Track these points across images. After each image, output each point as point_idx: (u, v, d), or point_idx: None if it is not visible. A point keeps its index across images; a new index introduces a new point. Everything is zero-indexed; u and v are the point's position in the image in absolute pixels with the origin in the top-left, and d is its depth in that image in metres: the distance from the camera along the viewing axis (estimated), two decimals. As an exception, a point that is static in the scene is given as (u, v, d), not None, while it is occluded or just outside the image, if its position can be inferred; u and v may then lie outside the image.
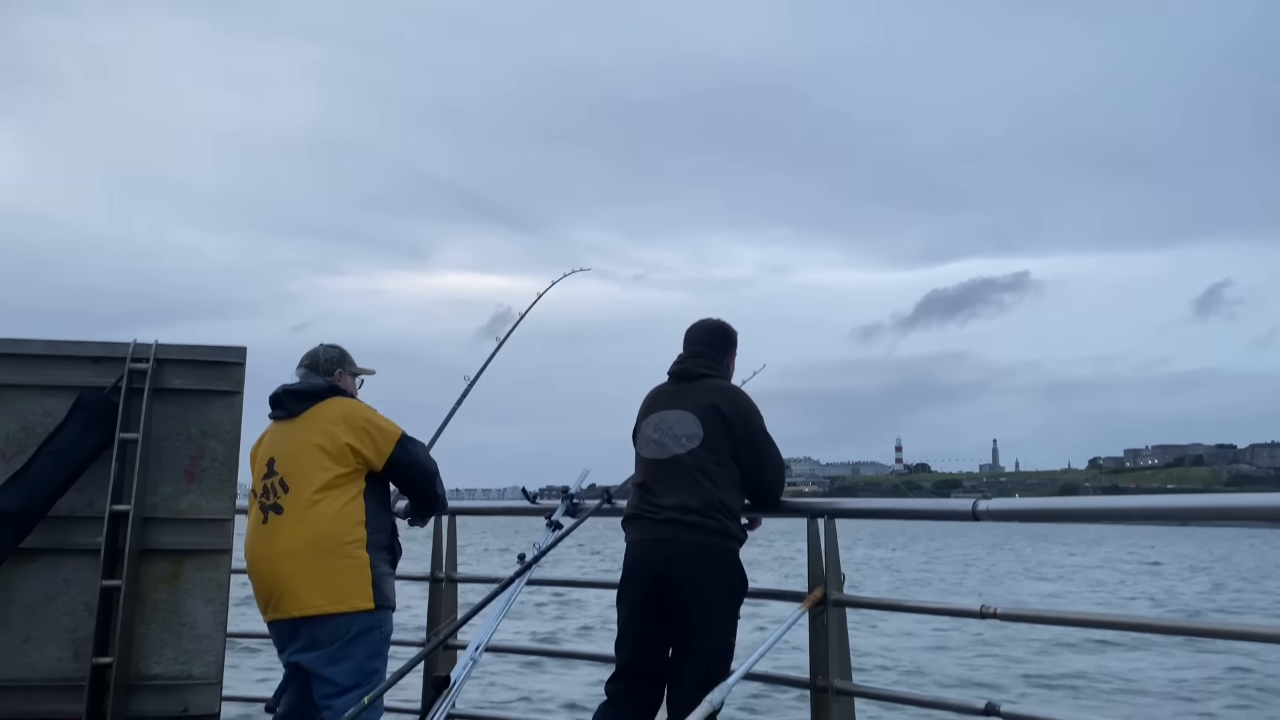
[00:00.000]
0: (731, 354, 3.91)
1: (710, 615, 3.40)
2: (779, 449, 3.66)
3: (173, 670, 3.64)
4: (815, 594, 3.52)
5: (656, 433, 3.66)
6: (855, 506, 3.65)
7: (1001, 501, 3.09)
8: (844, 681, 3.48)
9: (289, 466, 3.72)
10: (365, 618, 3.65)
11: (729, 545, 3.49)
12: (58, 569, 3.63)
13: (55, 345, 3.77)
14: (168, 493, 3.73)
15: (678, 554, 3.45)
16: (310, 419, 3.78)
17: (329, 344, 4.11)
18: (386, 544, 3.86)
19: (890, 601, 3.62)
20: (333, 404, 3.82)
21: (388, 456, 3.77)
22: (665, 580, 3.46)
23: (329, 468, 3.69)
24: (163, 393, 3.77)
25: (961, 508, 3.17)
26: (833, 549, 3.57)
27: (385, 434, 3.79)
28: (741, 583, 3.51)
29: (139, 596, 3.64)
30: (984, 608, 3.10)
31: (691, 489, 3.51)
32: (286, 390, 3.87)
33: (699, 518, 3.46)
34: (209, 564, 3.71)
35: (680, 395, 3.70)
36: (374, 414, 3.87)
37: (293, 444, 3.75)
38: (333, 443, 3.70)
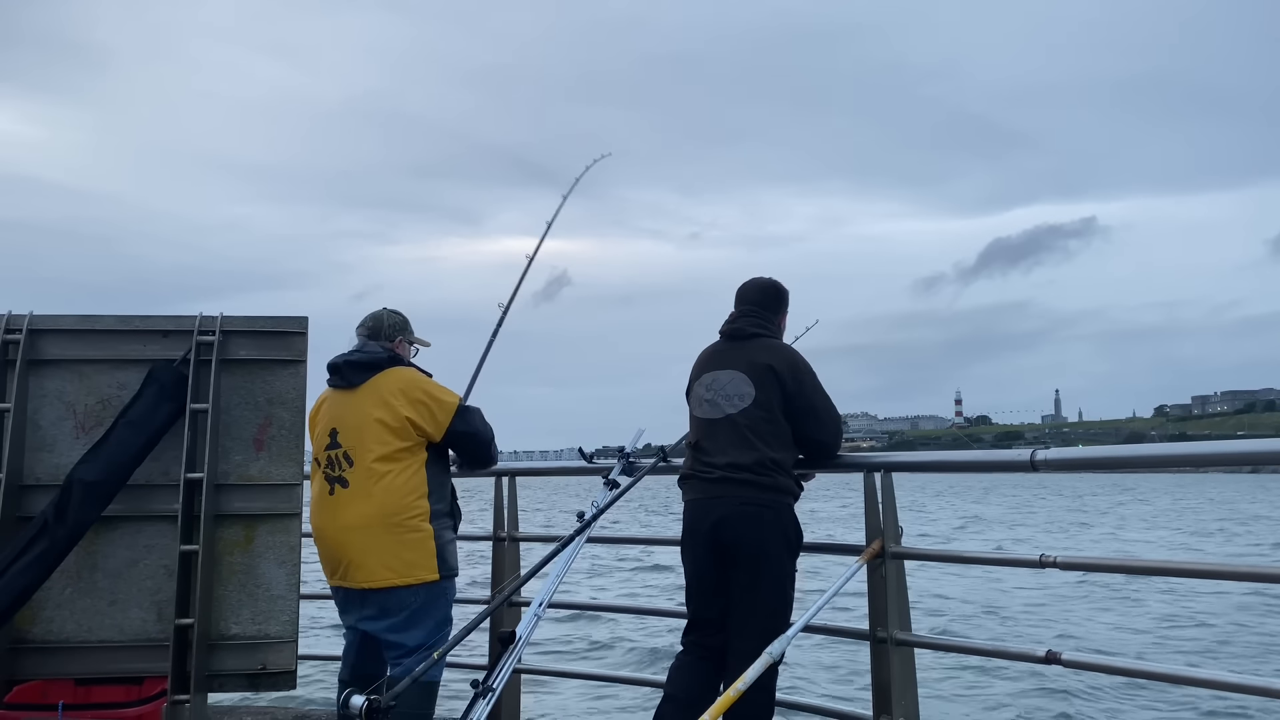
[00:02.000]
0: (783, 312, 3.91)
1: (766, 569, 3.44)
2: (834, 404, 3.66)
3: (250, 630, 3.78)
4: (873, 546, 3.54)
5: (709, 392, 3.69)
6: (912, 459, 3.65)
7: (1060, 451, 3.07)
8: (903, 632, 3.51)
9: (352, 440, 3.80)
10: (431, 588, 3.75)
11: (782, 500, 3.52)
12: (139, 535, 3.78)
13: (126, 320, 3.90)
14: (239, 460, 3.85)
15: (731, 511, 3.50)
16: (370, 390, 3.84)
17: (393, 309, 4.15)
18: (448, 510, 3.96)
19: (948, 553, 3.62)
20: (392, 375, 3.87)
21: (446, 428, 3.85)
22: (721, 536, 3.51)
23: (390, 442, 3.77)
24: (230, 363, 3.88)
25: (1019, 458, 3.15)
26: (890, 502, 3.57)
27: (443, 406, 3.86)
28: (796, 535, 3.54)
29: (215, 560, 3.77)
30: (1043, 557, 3.09)
31: (743, 448, 3.54)
32: (346, 361, 3.92)
33: (750, 475, 3.50)
34: (280, 528, 3.84)
35: (732, 354, 3.72)
36: (432, 384, 3.92)
37: (354, 416, 3.82)
38: (394, 416, 3.77)
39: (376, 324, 4.07)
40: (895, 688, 3.48)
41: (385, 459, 3.76)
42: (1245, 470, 34.97)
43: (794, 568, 3.50)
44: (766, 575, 3.44)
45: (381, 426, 3.78)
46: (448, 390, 3.97)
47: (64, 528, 3.48)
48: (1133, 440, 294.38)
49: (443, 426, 3.84)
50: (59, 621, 3.72)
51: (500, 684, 3.67)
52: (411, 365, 4.06)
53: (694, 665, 3.57)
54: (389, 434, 3.78)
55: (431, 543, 3.77)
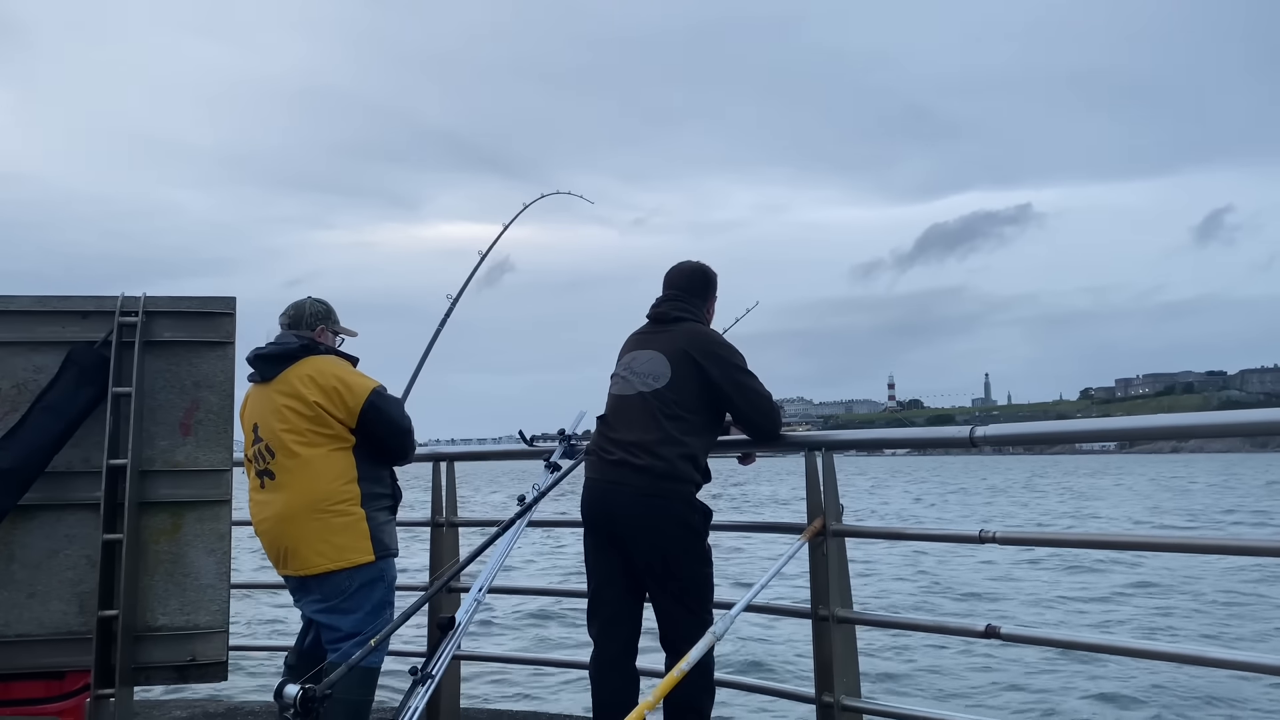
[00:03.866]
0: (711, 297, 3.88)
1: (675, 560, 3.41)
2: (763, 384, 3.62)
3: (178, 620, 3.66)
4: (815, 525, 3.54)
5: (625, 371, 3.67)
6: (852, 438, 3.65)
7: (998, 427, 3.09)
8: (845, 610, 3.52)
9: (270, 432, 3.81)
10: (367, 569, 3.75)
11: (680, 487, 3.45)
12: (59, 524, 3.63)
13: (44, 301, 3.73)
14: (164, 445, 3.72)
15: (626, 501, 3.45)
16: (283, 382, 3.85)
17: (317, 298, 4.10)
18: (384, 492, 3.89)
19: (888, 530, 3.64)
20: (305, 364, 3.85)
21: (358, 414, 3.79)
22: (617, 525, 3.48)
23: (307, 431, 3.76)
24: (154, 345, 3.74)
25: (959, 435, 3.17)
26: (830, 481, 3.58)
27: (354, 391, 3.80)
28: (701, 516, 3.50)
29: (141, 549, 3.64)
30: (983, 532, 3.12)
31: (647, 426, 3.49)
32: (258, 355, 3.91)
33: (649, 458, 3.44)
34: (209, 515, 3.71)
35: (653, 337, 3.70)
36: (347, 370, 3.88)
37: (270, 409, 3.83)
38: (304, 404, 3.78)
39: (298, 313, 4.04)
40: (837, 665, 3.49)
41: (305, 446, 3.75)
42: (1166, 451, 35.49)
43: (706, 546, 3.47)
44: (676, 565, 3.42)
45: (295, 415, 3.78)
46: (364, 376, 3.91)
47: (-24, 519, 3.32)
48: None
49: (354, 412, 3.79)
50: (-27, 615, 3.55)
51: (439, 670, 3.62)
52: (334, 352, 3.99)
53: (612, 663, 3.53)
54: (304, 421, 3.77)
55: (364, 525, 3.75)
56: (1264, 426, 2.44)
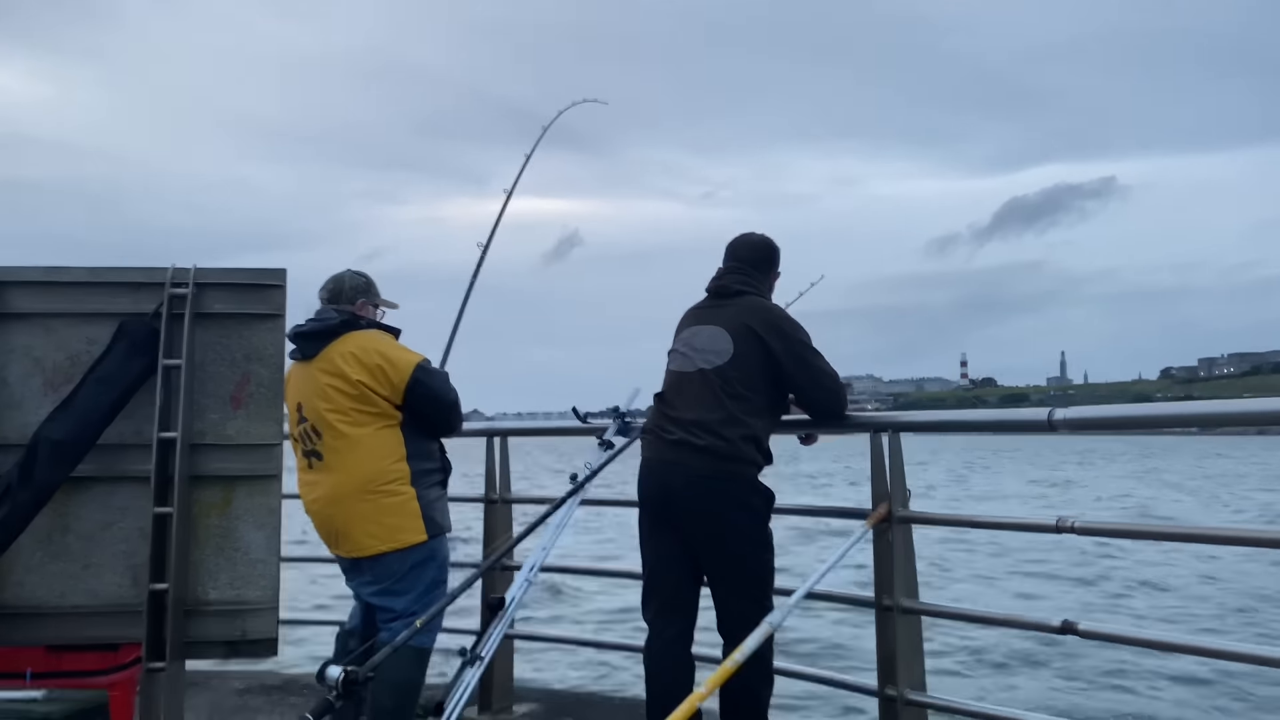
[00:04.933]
0: (773, 271, 3.72)
1: (733, 541, 3.27)
2: (828, 361, 3.45)
3: (229, 595, 3.63)
4: (879, 511, 3.37)
5: (685, 347, 3.52)
6: (924, 419, 3.46)
7: (1079, 410, 2.88)
8: (910, 600, 3.35)
9: (315, 412, 3.75)
10: (419, 549, 3.70)
11: (742, 469, 3.30)
12: (112, 496, 3.62)
13: (96, 272, 3.71)
14: (215, 419, 3.68)
15: (685, 482, 3.31)
16: (325, 360, 3.78)
17: (356, 270, 4.04)
18: (433, 467, 3.83)
19: (958, 517, 3.45)
20: (346, 340, 3.79)
21: (404, 390, 3.71)
22: (675, 507, 3.34)
23: (351, 410, 3.71)
24: (204, 318, 3.69)
25: (1036, 418, 2.97)
26: (897, 465, 3.40)
27: (398, 367, 3.73)
28: (763, 499, 3.35)
29: (192, 523, 3.62)
30: (1060, 521, 2.92)
31: (709, 405, 3.34)
32: (299, 332, 3.84)
33: (711, 438, 3.29)
34: (259, 489, 3.67)
35: (714, 311, 3.54)
36: (389, 345, 3.80)
37: (314, 388, 3.78)
38: (348, 383, 3.72)
39: (337, 286, 3.98)
40: (901, 658, 3.33)
41: (351, 425, 3.69)
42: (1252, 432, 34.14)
43: (767, 531, 3.32)
44: (735, 550, 3.27)
45: (340, 394, 3.72)
46: (407, 350, 3.84)
47: (28, 490, 3.32)
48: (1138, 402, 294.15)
49: (399, 389, 3.71)
50: (29, 586, 3.56)
51: (489, 652, 3.54)
52: (375, 326, 3.92)
53: (667, 649, 3.41)
54: (348, 401, 3.71)
55: (415, 504, 3.69)
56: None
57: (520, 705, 4.55)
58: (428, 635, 3.69)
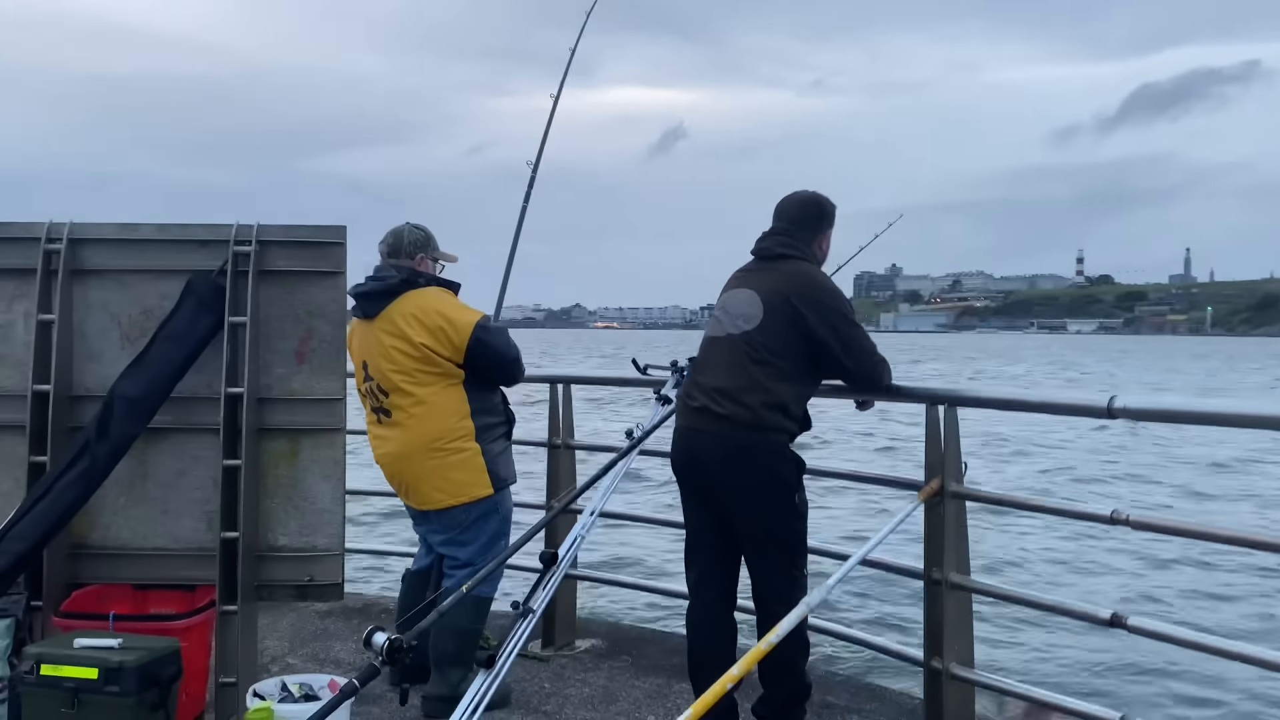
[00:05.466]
0: (823, 232, 3.50)
1: (763, 515, 3.23)
2: (867, 335, 3.33)
3: (298, 542, 3.79)
4: (932, 485, 3.30)
5: (720, 311, 3.43)
6: (979, 395, 3.34)
7: (1142, 398, 2.75)
8: (960, 576, 3.30)
9: (379, 372, 3.84)
10: (484, 503, 3.84)
11: (765, 437, 3.20)
12: (186, 446, 3.79)
13: (165, 229, 3.82)
14: (280, 373, 3.80)
15: (708, 450, 3.27)
16: (386, 320, 3.84)
17: (415, 225, 4.05)
18: (497, 420, 3.90)
19: (1011, 498, 3.35)
20: (407, 300, 3.83)
21: (465, 350, 3.75)
22: (701, 476, 3.32)
23: (415, 370, 3.79)
24: (268, 275, 3.78)
25: (1095, 404, 2.84)
26: (953, 438, 3.31)
27: (458, 328, 3.76)
28: (792, 467, 3.26)
29: (261, 473, 3.77)
30: (1114, 513, 2.82)
31: (734, 372, 3.25)
32: (360, 291, 3.90)
33: (732, 405, 3.21)
34: (324, 442, 3.80)
35: (753, 275, 3.42)
36: (449, 304, 3.84)
37: (378, 348, 3.86)
38: (411, 345, 3.78)
39: (396, 241, 4.01)
40: (948, 631, 3.30)
41: (417, 386, 3.78)
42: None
43: (796, 500, 3.24)
44: (765, 521, 3.23)
45: (402, 355, 3.80)
46: (467, 308, 3.87)
47: (105, 444, 3.49)
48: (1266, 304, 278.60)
49: (460, 349, 3.76)
50: (115, 529, 3.79)
51: (541, 605, 3.63)
52: (435, 281, 3.94)
53: (706, 612, 3.43)
54: (411, 362, 3.78)
55: (480, 459, 3.80)
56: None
57: (583, 640, 4.69)
58: (489, 585, 3.80)
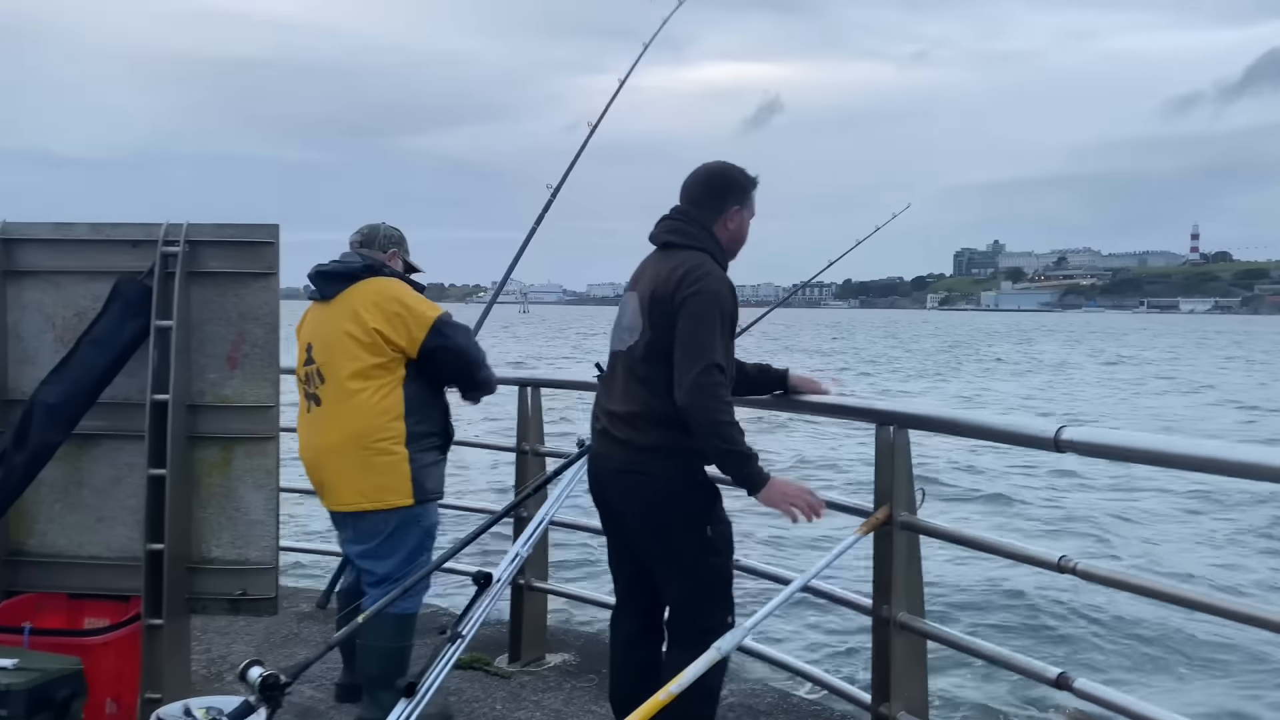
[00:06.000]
0: (727, 210, 2.98)
1: (671, 551, 2.91)
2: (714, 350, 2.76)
3: (231, 554, 3.66)
4: (878, 516, 2.97)
5: (617, 320, 3.09)
6: (927, 415, 2.98)
7: (1091, 432, 2.38)
8: (911, 617, 2.97)
9: (324, 355, 3.61)
10: (404, 513, 3.57)
11: (666, 463, 2.85)
12: (121, 453, 3.69)
13: (98, 229, 3.70)
14: (213, 379, 3.66)
15: (610, 479, 2.98)
16: (343, 303, 3.60)
17: (392, 225, 3.86)
18: (435, 430, 3.67)
19: (962, 535, 2.97)
20: (368, 284, 3.60)
21: (421, 343, 3.52)
22: (606, 506, 3.05)
23: (361, 357, 3.53)
24: (200, 276, 3.63)
25: (1043, 435, 2.49)
26: (903, 463, 2.97)
27: (418, 319, 3.53)
28: (702, 497, 2.91)
29: (194, 482, 3.64)
30: (1062, 560, 2.47)
31: (625, 392, 2.94)
32: (319, 271, 3.69)
33: (629, 430, 2.90)
34: (257, 451, 3.65)
35: (644, 272, 3.02)
36: (409, 294, 3.61)
37: (328, 331, 3.62)
38: (363, 330, 3.52)
39: (371, 233, 3.82)
40: (897, 676, 2.98)
41: (357, 375, 3.54)
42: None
43: (711, 531, 2.88)
44: (674, 558, 2.91)
45: (352, 340, 3.54)
46: (430, 303, 3.64)
47: (23, 453, 3.39)
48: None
49: (417, 341, 3.53)
50: (50, 535, 3.71)
51: (471, 630, 3.43)
52: (401, 278, 3.73)
53: (626, 647, 3.15)
54: (359, 349, 3.53)
55: (406, 466, 3.55)
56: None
57: (554, 655, 4.48)
58: (411, 601, 3.60)
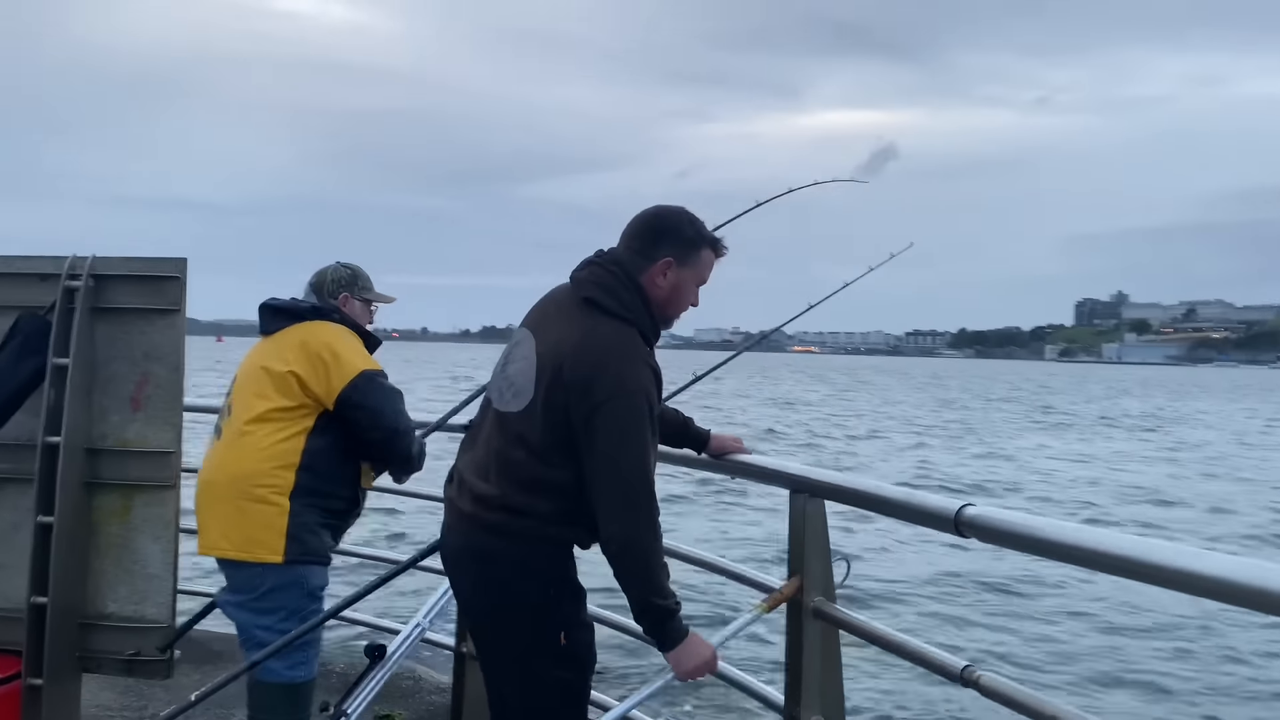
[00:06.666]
0: (655, 262, 2.49)
1: (510, 655, 2.47)
2: (650, 476, 2.34)
3: (127, 610, 3.41)
4: (785, 589, 2.52)
5: (501, 365, 2.59)
6: (844, 486, 2.51)
7: (996, 514, 1.92)
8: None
9: (238, 388, 3.37)
10: (281, 571, 3.21)
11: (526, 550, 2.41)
12: (23, 498, 3.47)
13: (8, 262, 3.55)
14: (116, 421, 3.44)
15: (454, 554, 2.55)
16: (278, 340, 3.36)
17: (344, 264, 3.59)
18: (331, 492, 3.32)
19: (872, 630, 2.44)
20: (306, 327, 3.36)
21: (337, 394, 3.22)
22: (455, 587, 2.63)
23: (269, 397, 3.27)
24: (106, 312, 3.44)
25: (944, 513, 2.03)
26: (817, 535, 2.53)
27: (342, 367, 3.23)
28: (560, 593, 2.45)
29: (93, 530, 3.42)
30: (965, 672, 2.00)
31: (487, 460, 2.47)
32: (266, 304, 3.45)
33: (476, 506, 2.44)
34: (155, 500, 3.41)
35: (550, 321, 2.51)
36: (345, 345, 3.31)
37: (250, 364, 3.38)
38: (281, 368, 3.26)
39: (319, 280, 3.54)
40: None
41: (258, 417, 3.27)
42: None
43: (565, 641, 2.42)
44: (515, 666, 2.47)
45: (266, 376, 3.28)
46: (364, 356, 3.34)
47: (-97, 496, 3.22)
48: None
49: (334, 391, 3.22)
50: (-55, 585, 3.52)
51: (358, 709, 3.09)
52: (356, 328, 3.44)
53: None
54: (270, 387, 3.27)
55: (283, 520, 3.20)
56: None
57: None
58: (305, 669, 3.27)
